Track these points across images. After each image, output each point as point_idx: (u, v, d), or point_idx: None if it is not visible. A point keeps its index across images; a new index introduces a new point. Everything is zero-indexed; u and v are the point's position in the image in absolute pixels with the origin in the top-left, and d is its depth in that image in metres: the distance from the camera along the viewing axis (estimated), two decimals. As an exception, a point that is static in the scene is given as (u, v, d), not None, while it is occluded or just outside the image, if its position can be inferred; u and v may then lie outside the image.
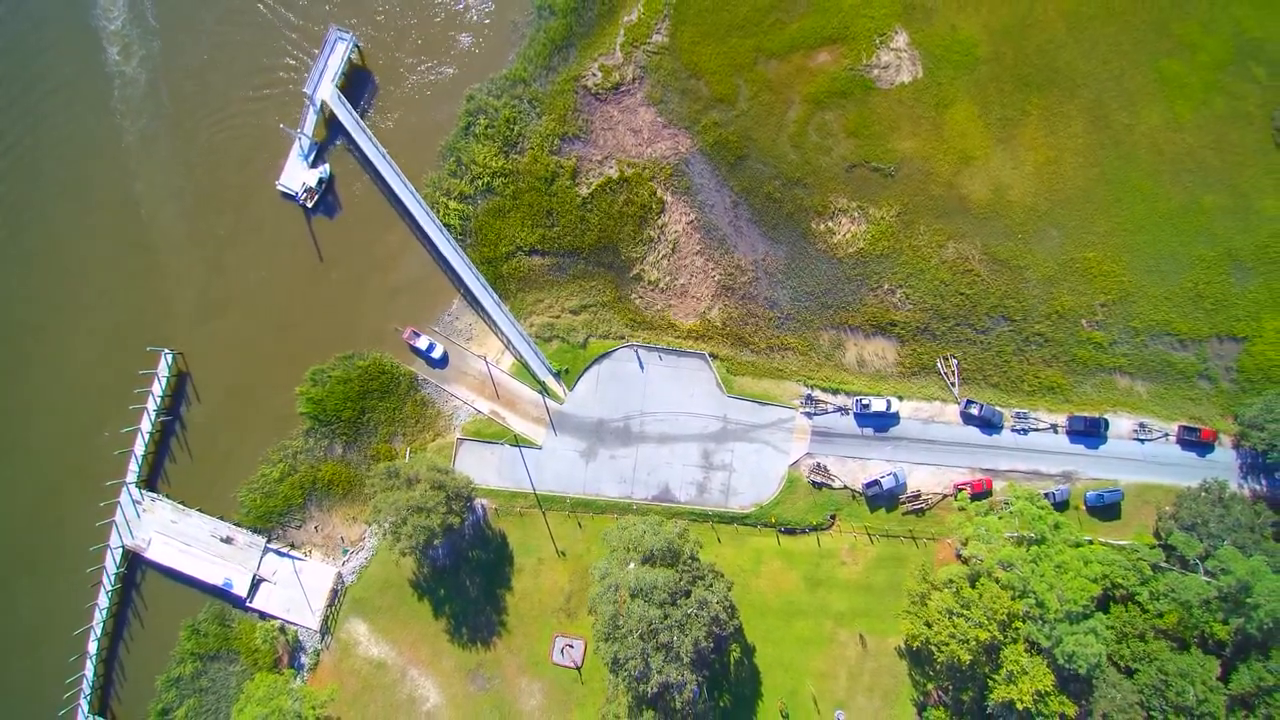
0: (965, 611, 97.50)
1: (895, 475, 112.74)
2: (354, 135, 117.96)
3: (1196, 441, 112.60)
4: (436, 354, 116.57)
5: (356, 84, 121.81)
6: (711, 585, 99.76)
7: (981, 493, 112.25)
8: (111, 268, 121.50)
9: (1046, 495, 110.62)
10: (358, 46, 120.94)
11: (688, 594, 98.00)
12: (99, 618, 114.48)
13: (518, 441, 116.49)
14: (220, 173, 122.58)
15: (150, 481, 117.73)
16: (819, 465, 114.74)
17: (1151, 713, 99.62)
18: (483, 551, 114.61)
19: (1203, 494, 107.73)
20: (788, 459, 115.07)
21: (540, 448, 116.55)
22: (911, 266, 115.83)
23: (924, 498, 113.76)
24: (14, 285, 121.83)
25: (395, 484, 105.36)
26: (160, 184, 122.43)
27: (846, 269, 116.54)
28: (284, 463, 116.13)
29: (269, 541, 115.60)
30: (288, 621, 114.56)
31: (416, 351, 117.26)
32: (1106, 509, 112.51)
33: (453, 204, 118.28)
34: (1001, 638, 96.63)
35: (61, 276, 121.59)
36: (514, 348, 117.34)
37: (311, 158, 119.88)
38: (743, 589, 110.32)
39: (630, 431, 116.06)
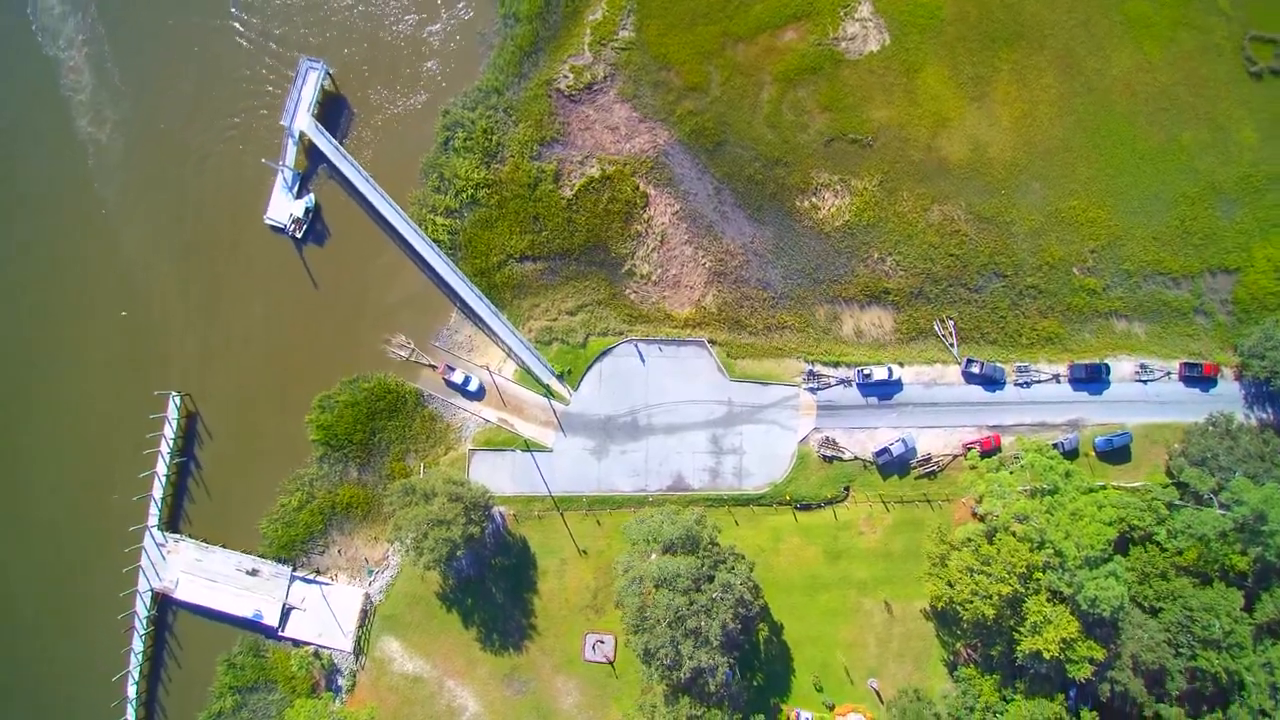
0: (985, 568, 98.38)
1: (904, 441, 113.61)
2: (335, 162, 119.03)
3: (1199, 377, 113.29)
4: (473, 386, 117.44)
5: (332, 111, 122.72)
6: (733, 568, 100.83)
7: (991, 449, 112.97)
8: (111, 328, 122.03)
9: (1055, 445, 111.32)
10: (329, 74, 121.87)
11: (711, 579, 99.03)
12: (135, 662, 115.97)
13: (528, 446, 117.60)
14: (206, 218, 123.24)
15: (171, 523, 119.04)
16: (828, 439, 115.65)
17: (1180, 649, 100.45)
18: (505, 558, 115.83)
19: (1210, 428, 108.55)
20: (796, 436, 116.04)
21: (551, 450, 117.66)
22: (899, 233, 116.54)
23: (935, 460, 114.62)
24: (18, 359, 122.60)
25: (413, 500, 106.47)
26: (148, 241, 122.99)
27: (835, 242, 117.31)
28: (301, 491, 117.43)
29: (294, 570, 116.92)
30: (321, 646, 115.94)
31: (453, 386, 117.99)
32: (1116, 453, 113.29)
33: (440, 220, 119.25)
34: (1023, 590, 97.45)
35: (63, 346, 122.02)
36: (515, 355, 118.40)
37: (295, 188, 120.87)
38: (765, 568, 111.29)
39: (638, 425, 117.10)
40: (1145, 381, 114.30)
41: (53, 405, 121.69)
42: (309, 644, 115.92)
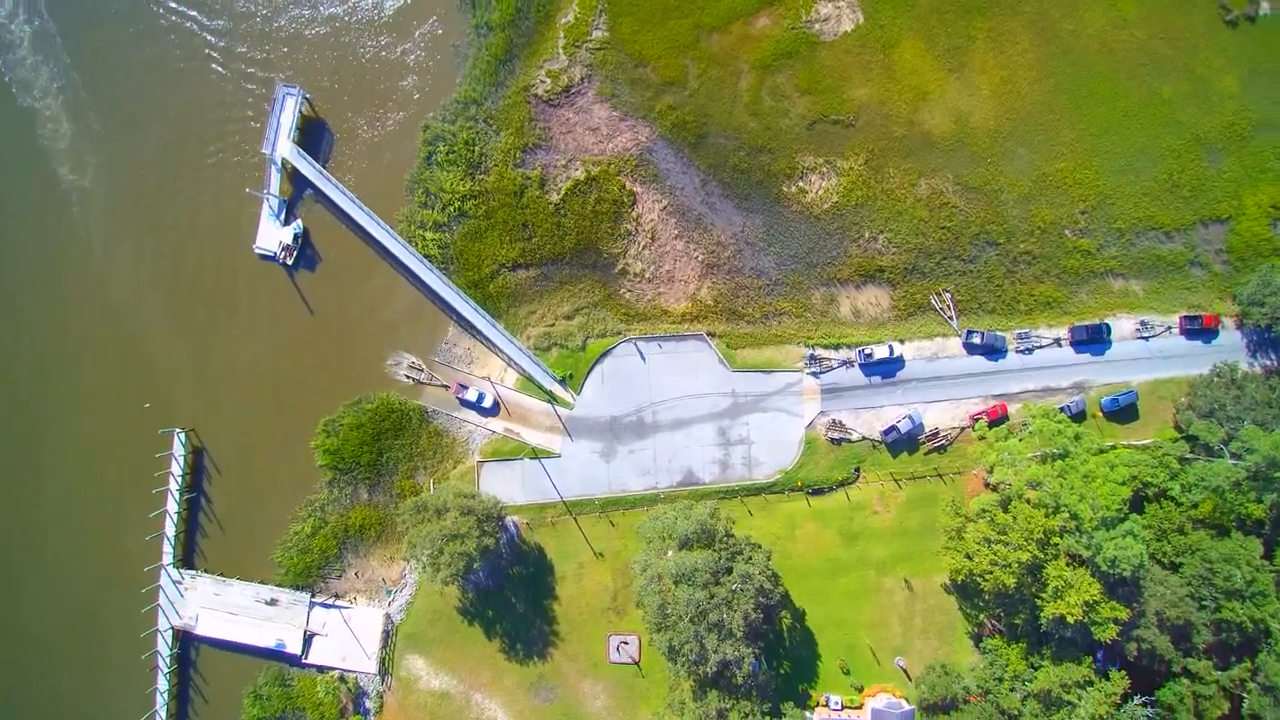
0: (1002, 537, 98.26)
1: (911, 417, 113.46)
2: (320, 186, 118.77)
3: (1200, 329, 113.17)
4: (487, 402, 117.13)
5: (313, 135, 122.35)
6: (751, 558, 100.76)
7: (998, 419, 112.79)
8: (112, 371, 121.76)
9: (1062, 409, 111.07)
10: (307, 98, 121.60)
11: (729, 571, 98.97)
12: (161, 701, 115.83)
13: (536, 454, 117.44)
14: (197, 252, 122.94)
15: (186, 560, 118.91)
16: (834, 421, 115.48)
17: (1203, 602, 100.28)
18: (523, 567, 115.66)
19: (1215, 379, 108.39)
20: (803, 421, 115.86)
21: (559, 456, 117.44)
22: (888, 210, 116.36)
23: (943, 434, 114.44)
24: (22, 410, 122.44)
25: (425, 516, 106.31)
26: (142, 281, 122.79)
27: (825, 225, 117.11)
28: (313, 517, 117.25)
29: (313, 596, 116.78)
30: (346, 670, 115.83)
31: (467, 404, 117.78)
32: (1123, 411, 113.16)
33: (429, 235, 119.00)
34: (1042, 556, 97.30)
35: (64, 393, 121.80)
36: (515, 363, 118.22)
37: (283, 216, 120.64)
38: (782, 556, 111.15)
39: (644, 423, 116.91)
40: (1147, 338, 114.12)
41: (59, 454, 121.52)
42: (333, 669, 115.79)
